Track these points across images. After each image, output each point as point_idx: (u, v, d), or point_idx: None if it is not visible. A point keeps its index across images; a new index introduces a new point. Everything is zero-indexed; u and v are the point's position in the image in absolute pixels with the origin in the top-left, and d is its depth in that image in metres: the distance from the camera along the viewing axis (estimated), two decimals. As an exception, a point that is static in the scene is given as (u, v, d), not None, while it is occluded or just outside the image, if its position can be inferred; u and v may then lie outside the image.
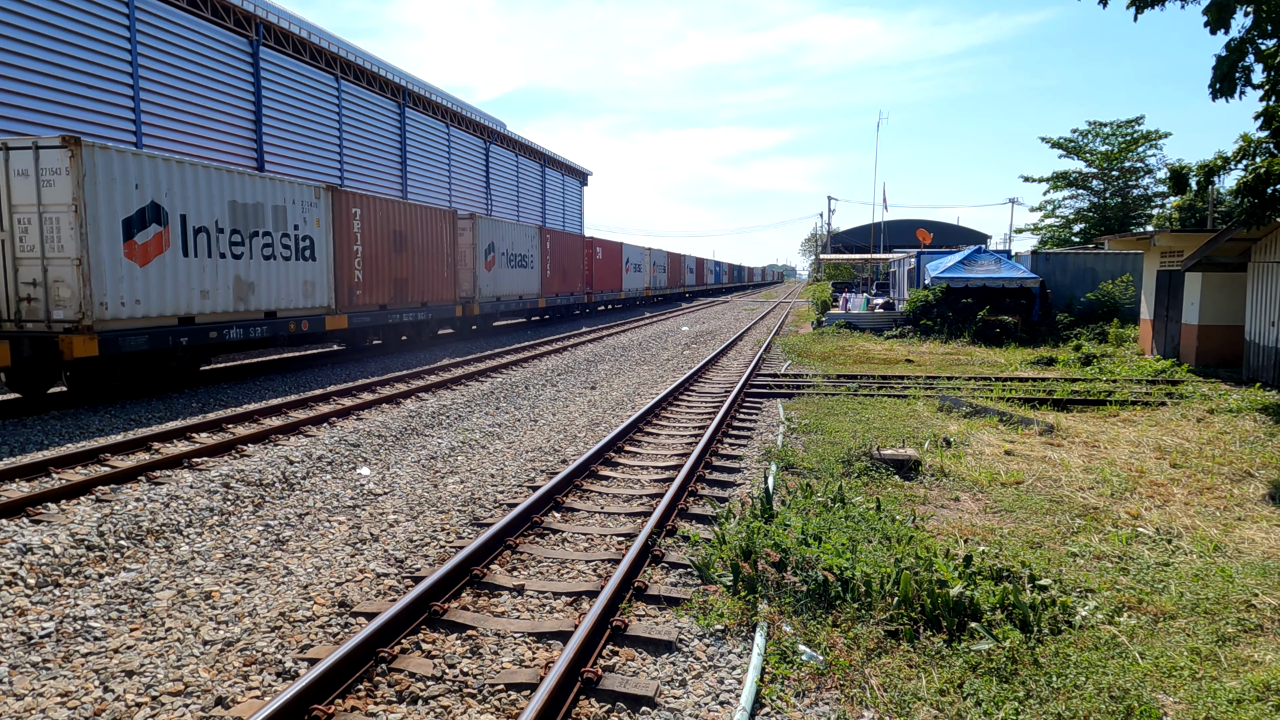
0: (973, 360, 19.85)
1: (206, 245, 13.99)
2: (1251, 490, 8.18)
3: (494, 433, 11.35)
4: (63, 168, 11.48)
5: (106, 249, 11.97)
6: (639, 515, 7.39)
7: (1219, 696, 4.18)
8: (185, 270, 13.56)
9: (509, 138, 46.42)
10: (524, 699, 4.30)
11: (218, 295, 14.28)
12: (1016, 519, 7.24)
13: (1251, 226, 12.06)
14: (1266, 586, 5.59)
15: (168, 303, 13.22)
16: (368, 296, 18.90)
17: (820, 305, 34.33)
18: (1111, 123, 40.67)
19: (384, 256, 19.57)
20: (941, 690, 4.29)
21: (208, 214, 13.99)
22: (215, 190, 14.20)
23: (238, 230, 14.72)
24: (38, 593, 5.65)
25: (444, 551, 6.53)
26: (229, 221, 14.49)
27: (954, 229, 64.52)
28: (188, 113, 22.79)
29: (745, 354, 21.56)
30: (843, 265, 58.14)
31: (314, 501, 7.97)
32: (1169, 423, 11.49)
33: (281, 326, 15.87)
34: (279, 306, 15.88)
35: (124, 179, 12.29)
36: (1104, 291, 25.81)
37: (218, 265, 14.27)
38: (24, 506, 7.12)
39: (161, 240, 13.03)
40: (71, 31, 19.09)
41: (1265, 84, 10.26)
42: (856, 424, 11.13)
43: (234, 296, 14.67)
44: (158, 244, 12.96)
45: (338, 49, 29.87)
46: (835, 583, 5.34)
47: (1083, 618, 5.06)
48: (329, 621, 5.23)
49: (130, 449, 9.57)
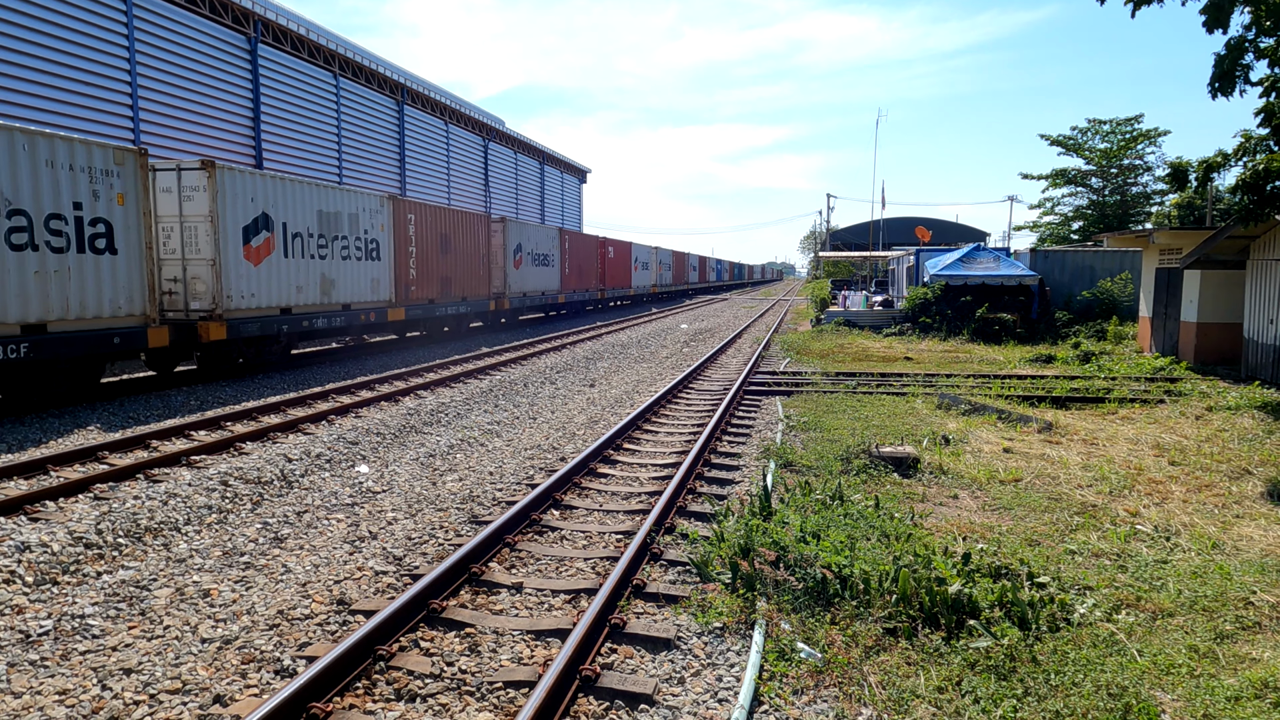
0: (971, 358, 19.86)
1: (301, 248, 16.60)
2: (1250, 488, 8.18)
3: (493, 430, 11.35)
4: (201, 185, 14.09)
5: (231, 251, 14.64)
6: (638, 513, 7.39)
7: (1217, 694, 4.19)
8: (286, 269, 16.14)
9: (507, 135, 46.38)
10: (522, 697, 4.30)
11: (308, 290, 16.87)
12: (1015, 517, 7.24)
13: (1250, 224, 12.06)
14: (1265, 584, 5.60)
15: (273, 296, 15.83)
16: (420, 292, 21.40)
17: (819, 303, 34.33)
18: (1111, 120, 40.66)
19: (433, 257, 22.11)
20: (940, 688, 4.30)
21: (302, 221, 16.59)
22: (307, 201, 16.76)
23: (323, 235, 17.30)
24: (36, 591, 5.65)
25: (443, 549, 6.53)
26: (317, 228, 17.08)
27: (953, 226, 64.49)
28: (186, 110, 22.76)
29: (744, 351, 21.56)
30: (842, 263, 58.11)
31: (312, 499, 7.97)
32: (1167, 420, 11.49)
33: (354, 317, 18.49)
34: (353, 300, 18.49)
35: (243, 194, 14.88)
36: (1103, 289, 25.82)
37: (309, 265, 16.86)
38: (22, 504, 7.11)
39: (269, 244, 15.67)
40: (69, 29, 19.05)
41: (1265, 80, 10.25)
42: (855, 422, 11.13)
43: (320, 291, 17.30)
44: (266, 247, 15.59)
45: (336, 46, 29.83)
46: (834, 580, 5.34)
47: (1081, 615, 5.07)
48: (327, 619, 5.23)
49: (128, 447, 9.56)
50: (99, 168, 12.03)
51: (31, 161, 10.99)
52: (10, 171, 10.69)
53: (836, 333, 26.00)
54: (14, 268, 10.85)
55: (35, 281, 11.12)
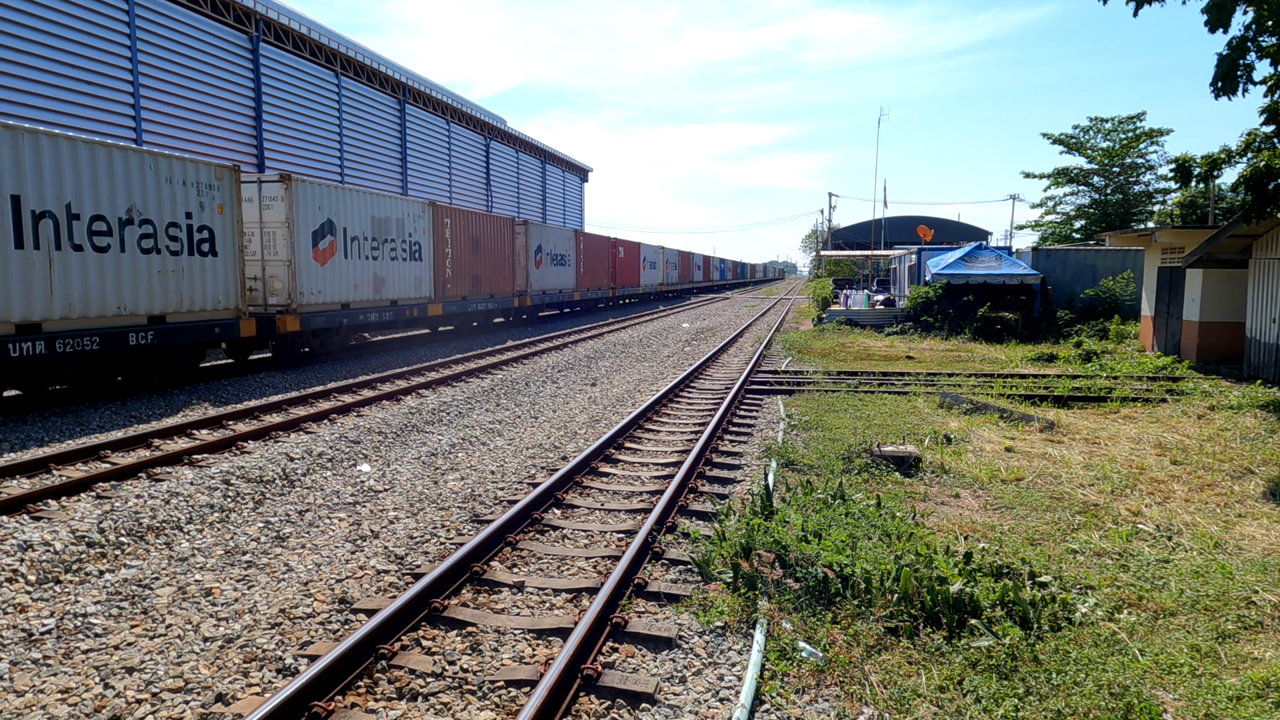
0: (973, 357, 19.84)
1: (357, 250, 18.54)
2: (1252, 487, 8.17)
3: (494, 429, 11.35)
4: (279, 195, 16.08)
5: (303, 253, 16.53)
6: (639, 512, 7.39)
7: (1219, 693, 4.18)
8: (345, 269, 18.08)
9: (509, 134, 46.38)
10: (524, 696, 4.30)
11: (363, 288, 18.83)
12: (1017, 516, 7.24)
13: (1253, 222, 12.04)
14: (1266, 583, 5.59)
15: (336, 293, 17.77)
16: (455, 289, 23.50)
17: (821, 302, 34.32)
18: (1113, 119, 40.62)
19: (465, 257, 24.14)
20: (941, 687, 4.29)
21: (358, 226, 18.52)
22: (363, 208, 18.69)
23: (375, 238, 19.25)
24: (38, 589, 5.66)
25: (444, 548, 6.54)
26: (370, 232, 19.01)
27: (955, 225, 64.43)
28: (188, 109, 22.78)
29: (746, 350, 21.55)
30: (843, 262, 58.11)
31: (314, 498, 7.98)
32: (1169, 419, 11.48)
33: (401, 312, 20.44)
34: (399, 296, 20.42)
35: (312, 202, 16.81)
36: (1105, 288, 25.80)
37: (364, 265, 18.81)
38: (24, 503, 7.13)
39: (332, 247, 17.63)
40: (71, 28, 19.07)
41: (1269, 79, 10.23)
42: (857, 421, 11.13)
43: (373, 289, 19.24)
44: (330, 249, 17.55)
45: (337, 45, 29.83)
46: (835, 579, 5.34)
47: (1083, 614, 5.06)
48: (329, 618, 5.23)
49: (131, 446, 9.57)
50: (204, 182, 13.97)
51: (155, 178, 12.95)
52: (141, 187, 12.66)
53: (838, 332, 25.99)
54: (144, 268, 12.78)
55: (158, 280, 13.06)
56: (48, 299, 11.22)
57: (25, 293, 10.94)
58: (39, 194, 11.03)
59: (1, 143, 10.53)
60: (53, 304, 11.28)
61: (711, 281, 79.84)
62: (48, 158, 11.11)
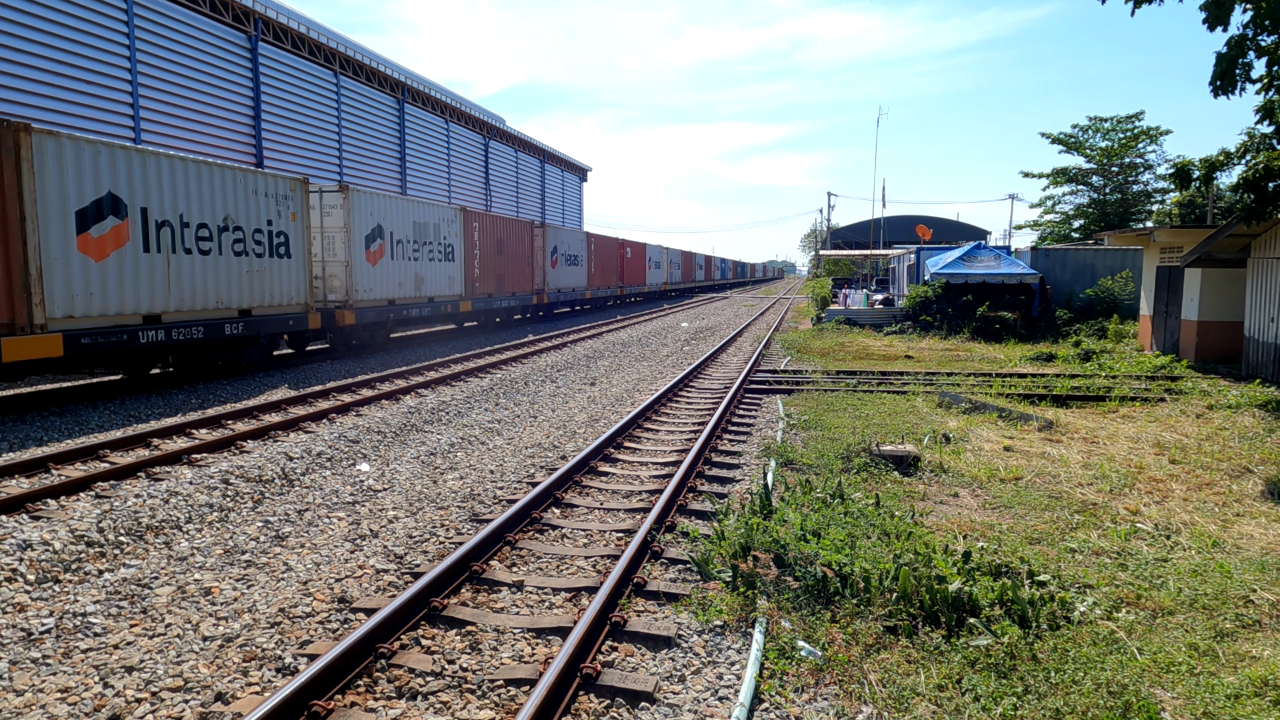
0: (972, 356, 19.85)
1: (402, 252, 20.51)
2: (1250, 486, 8.18)
3: (494, 429, 11.35)
4: (338, 204, 18.16)
5: (358, 255, 18.56)
6: (638, 511, 7.40)
7: (1217, 692, 4.19)
8: (392, 269, 20.02)
9: (508, 133, 46.36)
10: (523, 695, 4.31)
11: (405, 286, 20.70)
12: (1015, 515, 7.25)
13: (1251, 222, 12.05)
14: (1264, 582, 5.60)
15: (384, 290, 19.68)
16: (482, 288, 25.50)
17: (820, 301, 34.32)
18: (1112, 118, 40.62)
19: (491, 258, 26.17)
20: (940, 686, 4.30)
21: (402, 230, 20.51)
22: (406, 214, 20.73)
23: (416, 241, 21.25)
24: (37, 589, 5.66)
25: (443, 547, 6.54)
26: (412, 235, 21.02)
27: (954, 225, 64.44)
28: (186, 109, 22.77)
29: (745, 350, 21.56)
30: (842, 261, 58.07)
31: (313, 498, 7.98)
32: (1168, 419, 11.49)
33: (437, 308, 22.43)
34: (436, 294, 22.38)
35: (365, 209, 18.89)
36: (1103, 287, 25.81)
37: (407, 265, 20.75)
38: (23, 503, 7.13)
39: (381, 249, 19.55)
40: (70, 27, 19.05)
41: (1265, 78, 10.24)
42: (856, 420, 11.14)
43: (414, 286, 21.12)
44: (380, 251, 19.49)
45: (336, 44, 29.81)
46: (834, 579, 5.34)
47: (1081, 613, 5.07)
48: (328, 617, 5.24)
49: (130, 445, 9.57)
50: (280, 193, 15.92)
51: (245, 190, 14.90)
52: (234, 199, 14.60)
53: (837, 331, 25.99)
54: (236, 268, 14.70)
55: (247, 278, 14.99)
56: (166, 294, 13.18)
57: (150, 289, 12.88)
58: (160, 206, 13.00)
59: (134, 164, 12.46)
60: (169, 298, 13.25)
61: (713, 281, 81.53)
62: (166, 175, 13.09)
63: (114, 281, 12.21)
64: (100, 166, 11.90)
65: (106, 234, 12.05)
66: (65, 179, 11.36)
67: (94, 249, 11.85)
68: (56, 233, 11.27)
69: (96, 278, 11.92)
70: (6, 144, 10.53)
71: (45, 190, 11.08)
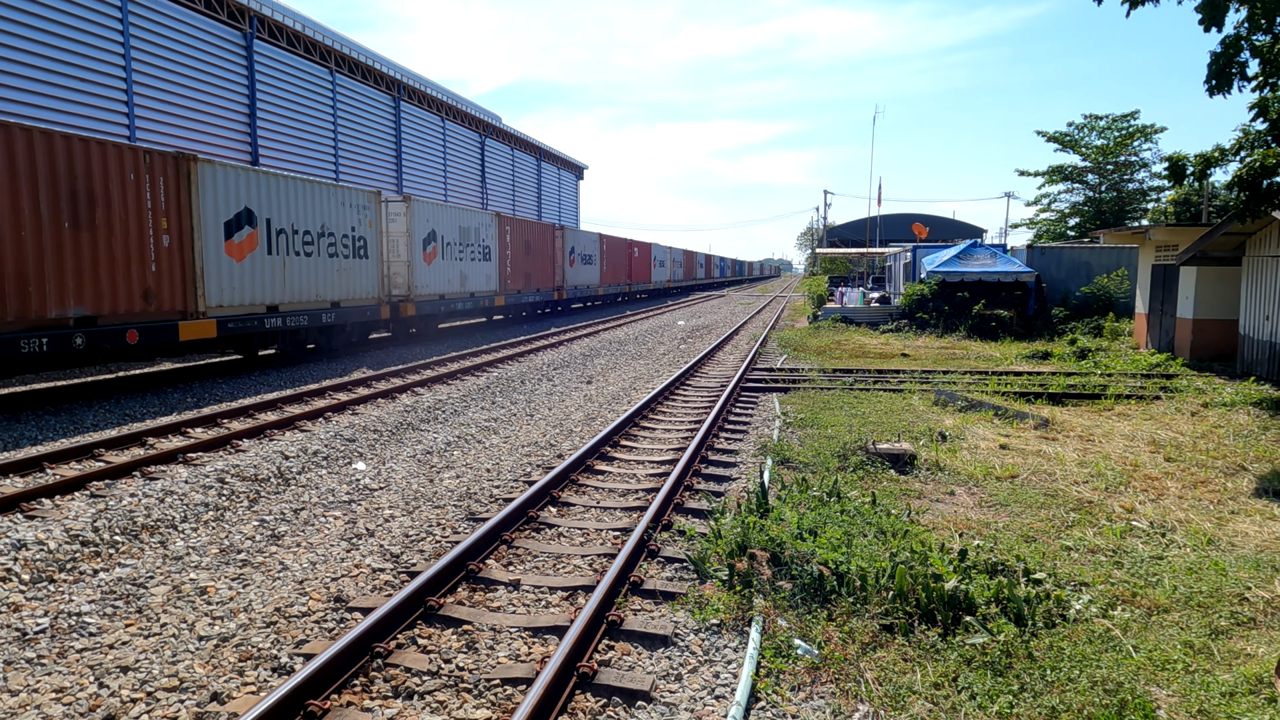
0: (968, 354, 19.88)
1: (451, 253, 23.43)
2: (1245, 484, 8.21)
3: (490, 427, 11.34)
4: (402, 212, 21.00)
5: (417, 255, 21.34)
6: (635, 510, 7.40)
7: (1212, 689, 4.20)
8: (443, 268, 22.96)
9: (504, 131, 46.29)
10: (520, 694, 4.30)
11: (453, 282, 23.65)
12: (1011, 513, 7.26)
13: (1246, 220, 12.07)
14: (1259, 580, 5.62)
15: (436, 286, 22.58)
16: (512, 285, 28.32)
17: (816, 299, 34.34)
18: (1107, 116, 40.63)
19: (520, 258, 28.96)
20: (936, 684, 4.31)
21: (451, 234, 23.49)
22: (455, 220, 23.72)
23: (461, 243, 24.20)
24: (32, 589, 5.64)
25: (440, 546, 6.53)
26: (458, 238, 23.96)
27: (950, 223, 64.47)
28: (181, 106, 22.68)
29: (741, 348, 21.57)
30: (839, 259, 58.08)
31: (309, 497, 7.96)
32: (1163, 417, 11.52)
33: (477, 302, 25.38)
34: (476, 290, 25.36)
35: (422, 216, 21.66)
36: (1099, 286, 25.85)
37: (454, 265, 23.72)
38: (18, 502, 7.10)
39: (435, 250, 22.44)
40: (64, 25, 18.97)
41: (1259, 77, 10.25)
42: (852, 418, 11.15)
43: (459, 283, 24.14)
44: (434, 253, 22.36)
45: (332, 42, 29.72)
46: (830, 577, 5.35)
47: (1077, 611, 5.08)
48: (324, 617, 5.23)
49: (125, 444, 9.54)
50: (361, 204, 18.80)
51: (336, 202, 17.79)
52: (328, 209, 17.50)
53: (833, 329, 26.01)
54: (330, 267, 17.53)
55: (337, 275, 17.81)
56: (282, 288, 15.94)
57: (271, 285, 15.65)
58: (278, 217, 15.83)
59: (261, 183, 15.37)
60: (284, 292, 16.03)
61: (712, 278, 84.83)
62: (281, 191, 15.92)
63: (248, 278, 15.03)
64: (239, 186, 14.69)
65: (244, 240, 14.93)
66: (217, 197, 14.17)
67: (235, 252, 14.73)
68: (212, 240, 14.09)
69: (237, 275, 14.75)
70: (182, 171, 13.33)
71: (205, 207, 13.86)
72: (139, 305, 12.58)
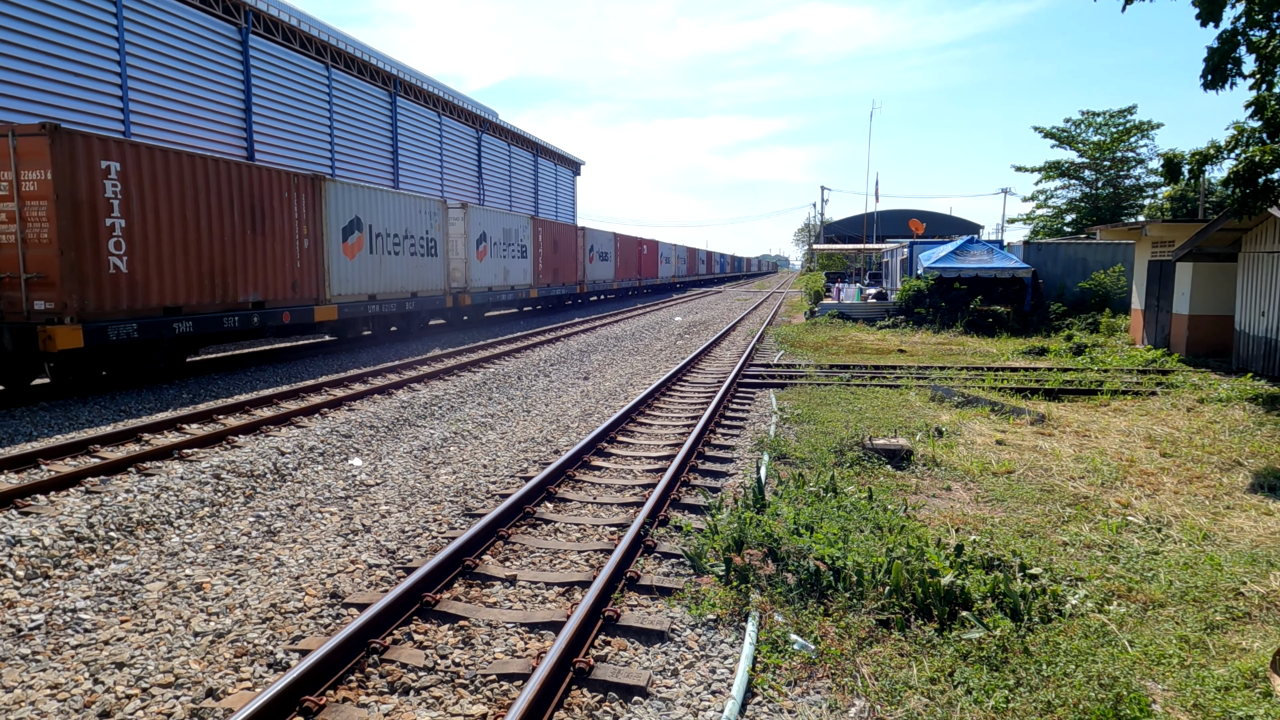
0: (965, 350, 19.90)
1: (497, 251, 27.22)
2: (1240, 479, 8.23)
3: (486, 423, 11.33)
4: (460, 217, 24.77)
5: (472, 254, 25.21)
6: (631, 505, 7.39)
7: (1207, 684, 4.21)
8: (491, 264, 26.74)
9: (501, 127, 46.18)
10: (516, 689, 4.30)
11: (498, 277, 27.31)
12: (1007, 508, 7.27)
13: (1242, 216, 12.09)
14: (1254, 575, 5.63)
15: (486, 280, 26.36)
16: (543, 279, 31.95)
17: (813, 295, 34.33)
18: (1104, 112, 40.65)
19: (550, 255, 32.84)
20: (932, 679, 4.31)
21: (497, 235, 27.22)
22: (499, 223, 27.51)
23: (504, 243, 27.87)
24: (26, 585, 5.62)
25: (436, 542, 6.53)
26: (502, 239, 27.65)
27: (947, 219, 64.53)
28: (176, 101, 22.58)
29: (738, 344, 21.56)
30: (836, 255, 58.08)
31: (305, 492, 7.95)
32: (1159, 412, 11.54)
33: (515, 294, 28.96)
34: (515, 283, 28.92)
35: (476, 220, 25.54)
36: (1095, 281, 25.89)
37: (499, 261, 27.46)
38: (12, 498, 7.07)
39: (485, 250, 26.28)
40: (57, 18, 18.87)
41: (1255, 73, 10.25)
42: (849, 414, 11.15)
43: (503, 277, 27.79)
44: (483, 252, 26.18)
45: (328, 37, 29.61)
46: (827, 572, 5.35)
47: (1073, 606, 5.09)
48: (320, 612, 5.22)
49: (120, 440, 9.52)
50: (432, 211, 22.56)
51: (414, 209, 21.54)
52: (408, 216, 21.16)
53: (830, 325, 26.02)
54: (410, 264, 21.24)
55: (415, 270, 21.53)
56: (378, 281, 19.69)
57: (371, 278, 19.39)
58: (376, 223, 19.54)
59: (364, 196, 19.06)
60: (380, 284, 19.78)
61: (713, 274, 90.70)
62: (378, 202, 19.67)
63: (357, 273, 18.76)
64: (351, 198, 18.44)
65: (354, 242, 18.65)
66: (338, 208, 17.92)
67: (348, 252, 18.48)
68: (335, 242, 17.85)
69: (349, 270, 18.47)
70: (316, 188, 17.19)
71: (330, 216, 17.62)
72: (288, 293, 16.38)
